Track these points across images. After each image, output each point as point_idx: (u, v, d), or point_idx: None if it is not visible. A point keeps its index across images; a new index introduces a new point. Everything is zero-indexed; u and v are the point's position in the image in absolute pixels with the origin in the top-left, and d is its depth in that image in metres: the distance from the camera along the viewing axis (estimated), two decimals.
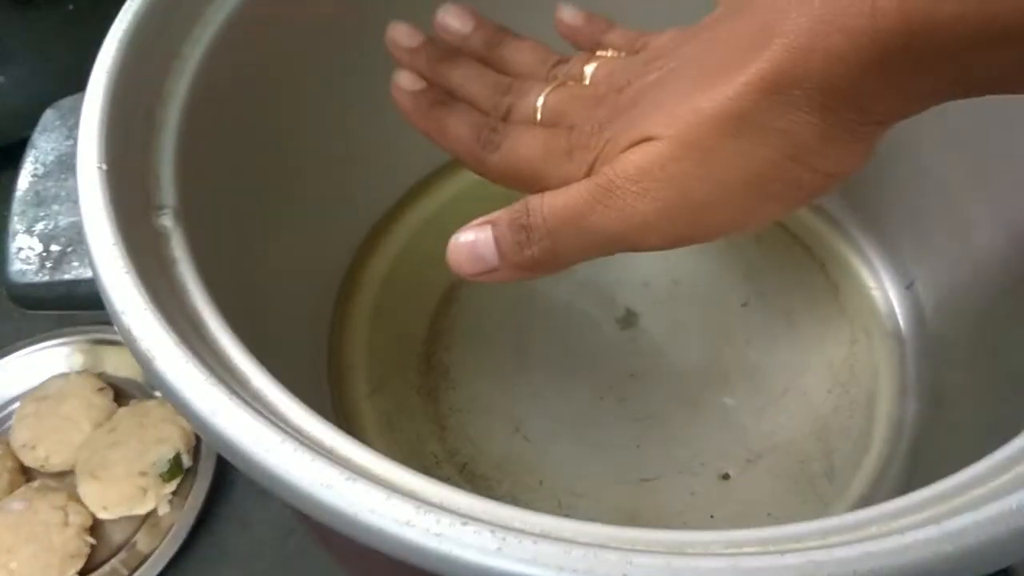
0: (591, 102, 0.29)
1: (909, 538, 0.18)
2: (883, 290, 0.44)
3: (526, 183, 0.29)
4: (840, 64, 0.21)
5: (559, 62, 0.32)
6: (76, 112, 0.28)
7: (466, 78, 0.32)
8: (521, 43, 0.33)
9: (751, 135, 0.23)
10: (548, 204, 0.26)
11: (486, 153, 0.30)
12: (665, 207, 0.25)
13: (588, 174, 0.27)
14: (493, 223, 0.28)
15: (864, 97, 0.22)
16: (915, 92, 0.22)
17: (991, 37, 0.19)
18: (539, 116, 0.30)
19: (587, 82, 0.30)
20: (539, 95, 0.30)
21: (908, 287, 0.43)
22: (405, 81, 0.32)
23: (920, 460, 0.39)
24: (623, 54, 0.31)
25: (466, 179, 0.47)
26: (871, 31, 0.20)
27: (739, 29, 0.24)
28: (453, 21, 0.33)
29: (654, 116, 0.25)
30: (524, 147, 0.29)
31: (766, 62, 0.22)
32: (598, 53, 0.31)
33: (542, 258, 0.27)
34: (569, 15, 0.33)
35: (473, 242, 0.28)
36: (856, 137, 0.23)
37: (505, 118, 0.31)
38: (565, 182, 0.27)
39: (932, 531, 0.18)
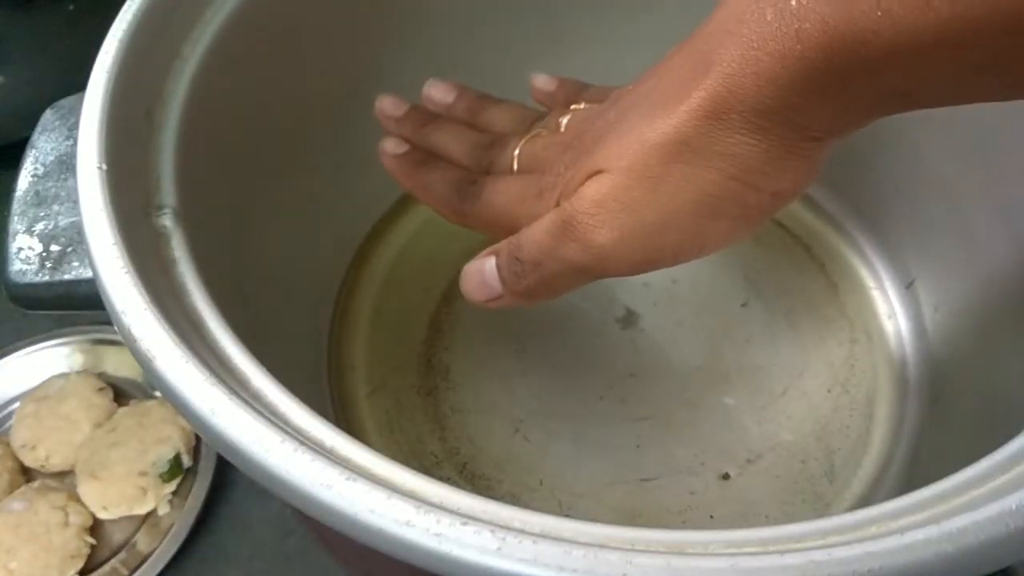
0: (561, 148, 0.30)
1: (909, 538, 0.18)
2: (883, 290, 0.44)
3: (505, 228, 0.30)
4: (771, 86, 0.22)
5: (537, 118, 0.34)
6: (76, 112, 0.28)
7: (449, 139, 0.35)
8: (501, 106, 0.36)
9: (695, 160, 0.24)
10: (529, 237, 0.28)
11: (466, 204, 0.32)
12: (621, 235, 0.26)
13: None
14: (496, 254, 0.30)
15: (798, 115, 0.23)
16: (846, 108, 0.23)
17: (905, 52, 0.20)
18: (516, 166, 0.32)
19: (562, 131, 0.32)
20: (516, 147, 0.32)
21: (908, 287, 0.43)
22: (390, 146, 0.35)
23: (920, 460, 0.39)
24: (596, 105, 0.32)
25: None
26: (797, 52, 0.21)
27: (681, 62, 0.25)
28: (436, 93, 0.36)
29: (605, 150, 0.26)
30: (499, 194, 0.31)
31: (703, 90, 0.23)
32: (572, 107, 0.33)
33: (537, 287, 0.29)
34: (543, 82, 0.36)
35: (480, 271, 0.30)
36: (796, 155, 0.24)
37: (486, 172, 0.33)
38: None
39: (932, 531, 0.18)
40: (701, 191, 0.25)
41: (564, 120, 0.32)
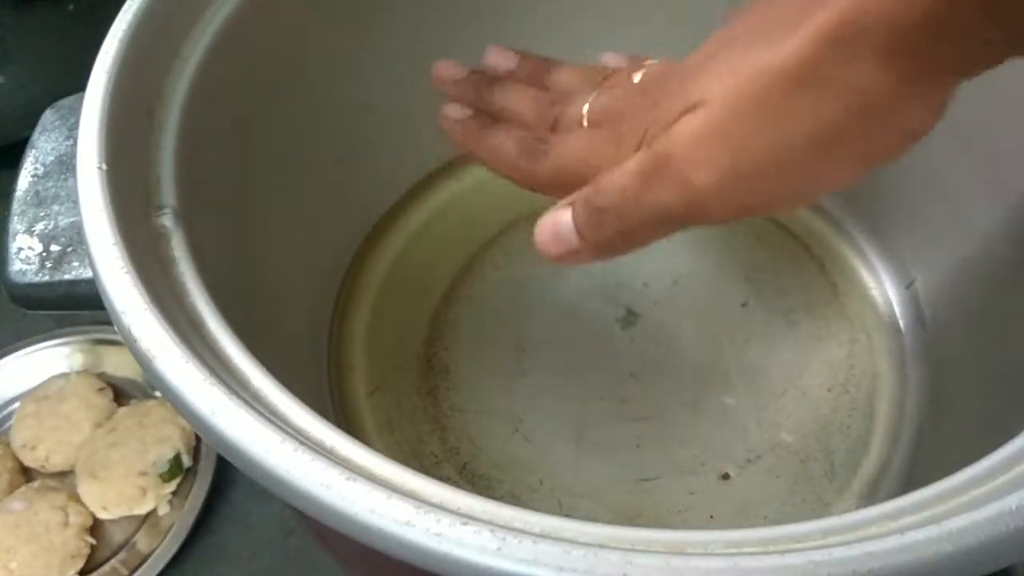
0: (638, 95, 0.28)
1: (909, 538, 0.18)
2: (883, 290, 0.44)
3: (577, 187, 0.28)
4: (909, 8, 0.20)
5: (606, 76, 0.31)
6: (76, 112, 0.28)
7: (512, 98, 0.33)
8: (566, 67, 0.33)
9: (818, 90, 0.22)
10: (612, 182, 0.26)
11: (535, 164, 0.30)
12: (727, 175, 0.23)
13: None
14: (573, 204, 0.27)
15: (934, 44, 0.20)
16: (987, 39, 0.20)
17: None
18: (585, 121, 0.30)
19: (636, 83, 0.30)
20: (585, 102, 0.30)
21: (908, 287, 0.43)
22: (452, 111, 0.33)
23: (920, 460, 0.39)
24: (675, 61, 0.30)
25: (466, 180, 0.47)
26: None
27: None
28: (498, 59, 0.34)
29: (706, 82, 0.24)
30: (570, 149, 0.29)
31: (831, 11, 0.21)
32: (647, 62, 0.30)
33: (615, 238, 0.27)
34: (613, 59, 0.33)
35: (555, 223, 0.27)
36: (928, 91, 0.22)
37: (553, 129, 0.31)
38: None
39: (932, 531, 0.18)
40: (823, 126, 0.22)
41: (638, 75, 0.29)
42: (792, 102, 0.22)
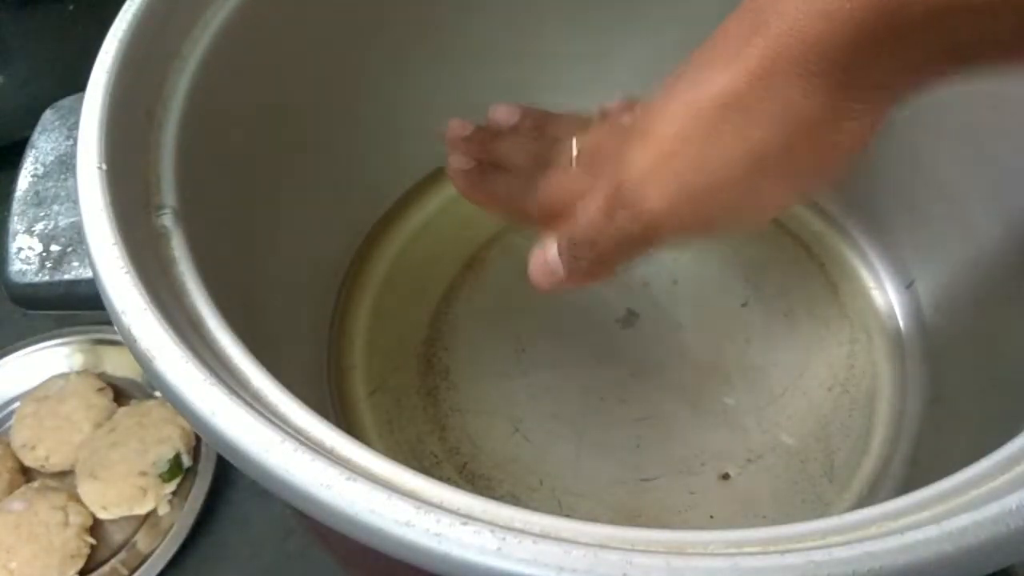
0: (618, 135, 0.30)
1: (909, 538, 0.18)
2: (883, 290, 0.44)
3: (566, 217, 0.30)
4: (822, 44, 0.22)
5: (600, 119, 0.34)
6: (76, 112, 0.28)
7: (512, 149, 0.35)
8: (565, 116, 0.36)
9: (745, 120, 0.24)
10: (583, 215, 0.29)
11: (529, 202, 0.32)
12: (672, 201, 0.26)
13: None
14: (557, 238, 0.30)
15: (850, 74, 0.23)
16: (898, 68, 0.22)
17: (956, 8, 0.20)
18: (575, 161, 0.32)
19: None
20: (575, 142, 0.32)
21: (908, 287, 0.43)
22: (458, 162, 0.35)
23: (920, 460, 0.39)
24: None
25: None
26: (846, 11, 0.21)
27: (734, 26, 0.25)
28: (502, 116, 0.36)
29: (655, 116, 0.26)
30: (557, 186, 0.31)
31: (755, 49, 0.23)
32: (638, 105, 0.32)
33: (593, 266, 0.29)
34: (610, 105, 0.35)
35: (543, 257, 0.30)
36: (850, 114, 0.24)
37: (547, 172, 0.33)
38: None
39: (932, 531, 0.18)
40: (752, 151, 0.25)
41: (627, 117, 0.32)
42: (721, 132, 0.25)
